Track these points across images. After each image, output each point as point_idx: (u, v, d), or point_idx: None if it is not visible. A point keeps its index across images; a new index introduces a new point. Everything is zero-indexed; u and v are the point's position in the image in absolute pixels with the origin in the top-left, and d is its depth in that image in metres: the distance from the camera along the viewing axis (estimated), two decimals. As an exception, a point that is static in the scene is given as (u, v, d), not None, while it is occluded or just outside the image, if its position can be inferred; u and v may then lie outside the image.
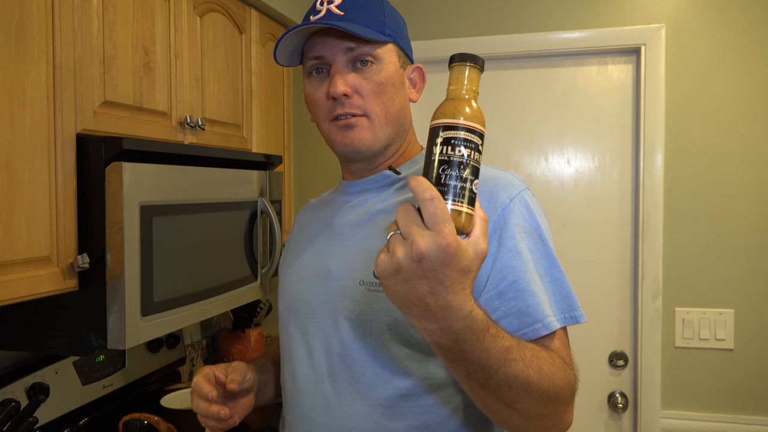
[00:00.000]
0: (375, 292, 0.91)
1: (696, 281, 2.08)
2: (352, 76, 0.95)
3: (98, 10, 1.29)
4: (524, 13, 2.20)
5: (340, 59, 0.95)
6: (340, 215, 1.04)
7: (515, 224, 0.88)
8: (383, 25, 0.97)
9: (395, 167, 1.01)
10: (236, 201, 1.66)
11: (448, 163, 0.67)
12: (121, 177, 1.23)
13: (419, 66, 1.06)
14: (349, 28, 0.91)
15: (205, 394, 1.02)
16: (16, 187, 1.10)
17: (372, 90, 0.95)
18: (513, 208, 0.89)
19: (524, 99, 2.26)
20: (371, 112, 0.96)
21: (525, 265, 0.87)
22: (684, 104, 2.08)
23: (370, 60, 0.95)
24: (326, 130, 1.00)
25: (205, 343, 2.27)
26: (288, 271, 1.10)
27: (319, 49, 0.96)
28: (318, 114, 1.00)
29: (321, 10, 0.96)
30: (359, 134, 0.96)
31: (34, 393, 1.45)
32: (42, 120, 1.15)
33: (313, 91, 0.99)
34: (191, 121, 1.58)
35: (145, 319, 1.31)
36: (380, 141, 0.98)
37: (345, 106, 0.95)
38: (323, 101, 0.97)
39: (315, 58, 0.97)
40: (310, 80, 1.00)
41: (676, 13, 2.07)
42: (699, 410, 2.09)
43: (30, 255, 1.13)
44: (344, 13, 0.94)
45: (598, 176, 2.20)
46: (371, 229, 0.97)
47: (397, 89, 0.98)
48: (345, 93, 0.94)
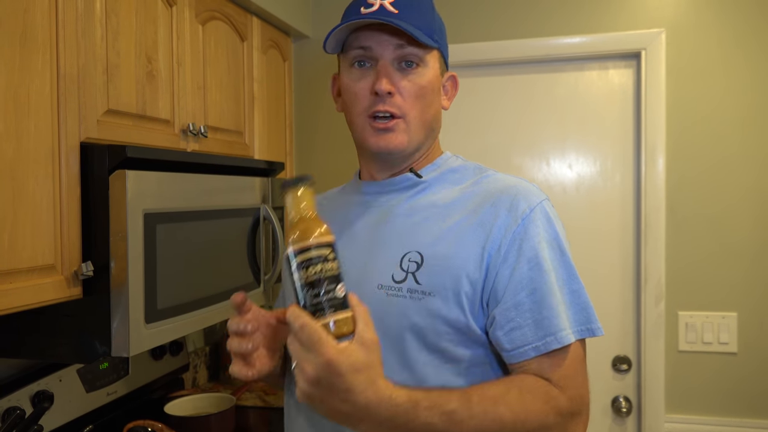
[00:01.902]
0: (394, 297, 0.91)
1: (699, 285, 2.08)
2: (398, 76, 0.95)
3: (101, 19, 1.30)
4: (525, 19, 2.21)
5: (388, 56, 0.95)
6: (356, 216, 1.03)
7: (535, 234, 0.89)
8: (432, 30, 0.96)
9: (417, 169, 1.01)
10: (239, 208, 1.66)
11: (309, 284, 0.73)
12: (124, 185, 1.23)
13: (453, 75, 1.06)
14: (409, 29, 0.91)
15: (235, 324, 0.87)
16: (21, 195, 1.11)
17: (414, 93, 0.95)
18: (533, 218, 0.91)
19: (525, 104, 2.27)
20: (409, 115, 0.96)
21: (543, 276, 0.87)
22: (685, 108, 2.08)
23: (416, 62, 0.95)
24: (360, 126, 0.98)
25: (208, 350, 2.27)
26: None
27: (367, 40, 0.95)
28: (355, 106, 0.98)
29: (373, 4, 0.94)
30: (395, 138, 0.96)
31: (39, 401, 1.45)
32: (46, 128, 1.16)
33: (353, 83, 0.97)
34: (194, 129, 1.59)
35: (148, 326, 1.31)
36: (412, 144, 0.98)
37: (386, 103, 0.94)
38: (364, 95, 0.96)
39: (361, 48, 0.96)
40: (350, 71, 0.98)
41: (676, 17, 2.08)
42: (703, 414, 2.08)
43: (34, 263, 1.14)
44: (398, 10, 0.93)
45: (600, 181, 2.21)
46: (389, 232, 0.97)
47: (434, 95, 0.99)
48: (389, 91, 0.93)
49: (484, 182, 0.98)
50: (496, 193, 0.94)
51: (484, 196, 0.95)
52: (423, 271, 0.90)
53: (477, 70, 2.29)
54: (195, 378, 2.18)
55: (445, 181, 1.01)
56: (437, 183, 1.00)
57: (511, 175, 1.00)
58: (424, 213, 0.96)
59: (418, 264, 0.91)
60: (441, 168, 1.03)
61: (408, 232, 0.95)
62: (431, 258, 0.90)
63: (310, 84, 2.39)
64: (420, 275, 0.90)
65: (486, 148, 2.29)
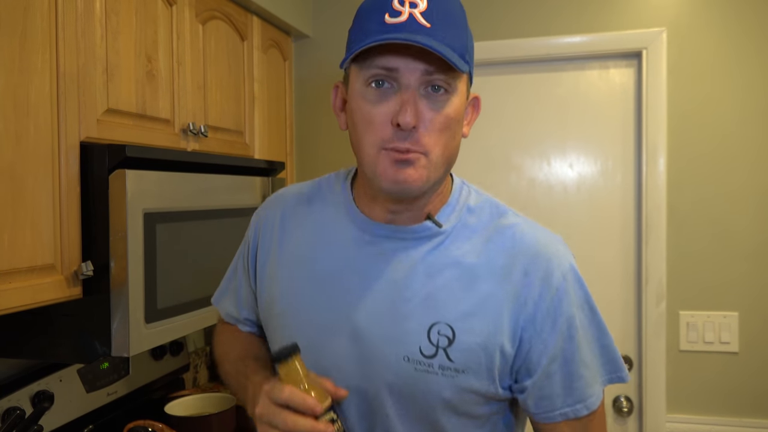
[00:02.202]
0: (424, 373, 0.85)
1: (700, 284, 2.08)
2: (423, 104, 0.81)
3: (101, 19, 1.29)
4: (526, 18, 2.21)
5: (415, 82, 0.80)
6: (363, 259, 0.91)
7: (569, 304, 0.87)
8: (465, 48, 0.83)
9: (433, 212, 0.91)
10: (239, 207, 1.66)
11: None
12: (124, 184, 1.23)
13: (477, 97, 0.93)
14: (447, 54, 0.77)
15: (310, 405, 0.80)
16: (20, 195, 1.11)
17: (439, 125, 0.82)
18: (567, 288, 0.87)
19: (526, 103, 2.26)
20: (432, 151, 0.82)
21: (575, 345, 0.87)
22: (686, 107, 2.08)
23: (445, 88, 0.82)
24: (372, 157, 0.83)
25: (208, 350, 2.27)
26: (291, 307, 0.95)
27: (392, 60, 0.80)
28: (368, 135, 0.83)
29: (401, 12, 0.80)
30: (415, 173, 0.82)
31: (39, 401, 1.45)
32: (46, 128, 1.16)
33: (370, 108, 0.82)
34: (194, 128, 1.59)
35: (149, 326, 1.31)
36: (431, 182, 0.85)
37: (408, 139, 0.81)
38: (381, 123, 0.82)
39: (384, 69, 0.81)
40: (366, 91, 0.83)
41: (677, 16, 2.08)
42: (704, 414, 2.08)
43: (34, 263, 1.14)
44: (431, 25, 0.79)
45: (601, 180, 2.20)
46: (410, 294, 0.87)
47: (459, 125, 0.86)
48: (415, 125, 0.80)
49: (508, 236, 0.89)
50: (527, 258, 0.87)
51: (512, 259, 0.87)
52: (455, 347, 0.85)
53: (477, 70, 2.28)
54: (195, 378, 2.18)
55: (464, 228, 0.91)
56: (457, 233, 0.90)
57: (532, 224, 0.93)
58: (448, 274, 0.87)
59: (449, 339, 0.85)
60: (457, 209, 0.92)
61: (432, 296, 0.87)
62: (463, 333, 0.84)
63: (310, 83, 2.39)
64: (452, 351, 0.85)
65: (487, 148, 2.29)
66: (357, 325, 0.88)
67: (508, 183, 2.28)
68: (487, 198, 0.96)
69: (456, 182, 0.96)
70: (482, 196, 0.96)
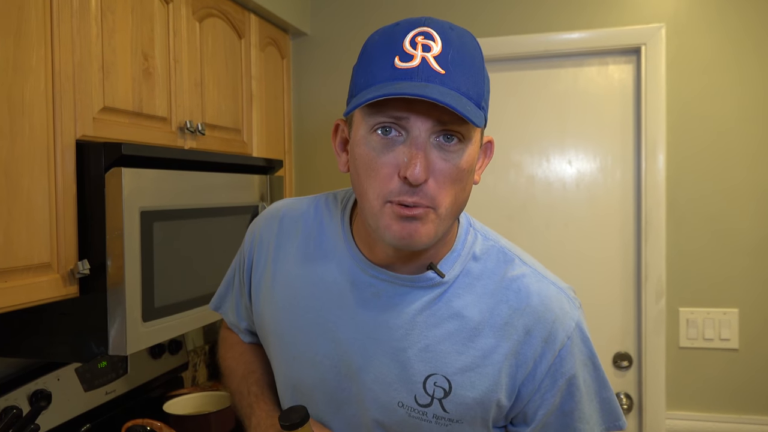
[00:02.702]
0: (418, 420, 0.85)
1: (700, 281, 2.07)
2: (434, 155, 0.75)
3: (97, 17, 1.29)
4: (525, 15, 2.20)
5: (425, 132, 0.74)
6: (360, 300, 0.87)
7: (571, 364, 0.85)
8: (481, 95, 0.77)
9: (436, 261, 0.86)
10: (237, 206, 1.66)
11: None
12: (120, 183, 1.23)
13: (490, 140, 0.88)
14: (463, 111, 0.71)
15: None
16: (16, 193, 1.10)
17: (450, 178, 0.76)
18: (571, 349, 0.85)
19: (525, 100, 2.26)
20: (441, 205, 0.76)
21: (575, 401, 0.86)
22: (685, 103, 2.07)
23: (458, 138, 0.76)
24: (376, 210, 0.77)
25: (207, 349, 2.27)
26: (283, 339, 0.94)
27: (402, 108, 0.73)
28: (373, 186, 0.77)
29: (413, 57, 0.73)
30: (423, 229, 0.76)
31: (36, 400, 1.45)
32: (41, 127, 1.15)
33: (376, 156, 0.76)
34: (191, 126, 1.58)
35: (146, 324, 1.31)
36: (439, 236, 0.79)
37: (416, 194, 0.74)
38: (386, 174, 0.75)
39: (393, 118, 0.74)
40: (370, 137, 0.76)
41: (676, 12, 2.07)
42: (704, 410, 2.08)
43: (30, 262, 1.13)
44: (445, 71, 0.73)
45: (600, 177, 2.20)
46: (408, 343, 0.85)
47: (471, 175, 0.80)
48: (425, 179, 0.74)
49: (512, 290, 0.85)
50: (531, 317, 0.84)
51: (516, 315, 0.84)
52: (451, 400, 0.83)
53: (476, 67, 2.28)
54: (194, 376, 2.18)
55: (467, 276, 0.87)
56: (459, 283, 0.86)
57: (539, 275, 0.88)
58: (448, 326, 0.84)
59: (445, 391, 0.83)
60: (462, 256, 0.87)
61: (431, 348, 0.84)
62: (461, 387, 0.83)
63: (308, 81, 2.39)
64: (447, 403, 0.83)
65: (485, 145, 2.28)
66: (352, 366, 0.87)
67: (507, 180, 2.27)
68: (495, 243, 0.90)
69: (462, 226, 0.90)
70: (489, 241, 0.90)
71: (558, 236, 2.21)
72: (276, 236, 0.97)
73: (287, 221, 0.97)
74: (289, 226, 0.97)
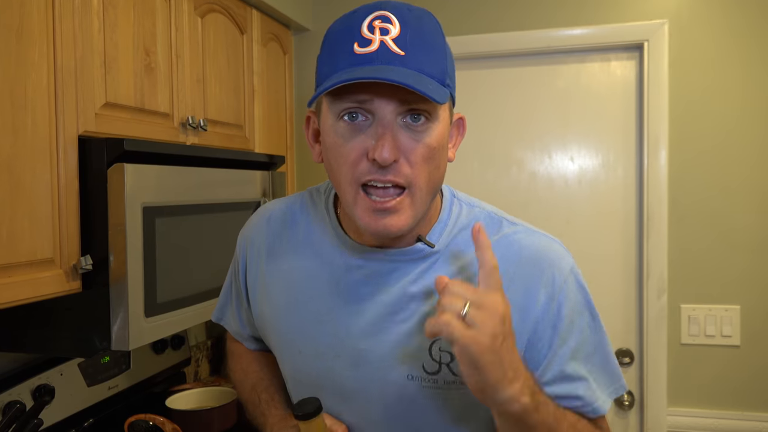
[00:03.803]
0: (430, 389, 0.84)
1: (702, 277, 2.07)
2: (403, 136, 0.75)
3: (99, 12, 1.29)
4: (527, 11, 2.19)
5: (391, 114, 0.75)
6: (357, 285, 0.88)
7: (569, 309, 0.85)
8: (445, 72, 0.77)
9: (424, 235, 0.86)
10: (239, 201, 1.66)
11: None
12: (123, 178, 1.23)
13: (461, 117, 0.88)
14: (424, 90, 0.71)
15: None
16: (19, 189, 1.11)
17: (422, 156, 0.76)
18: (568, 292, 0.86)
19: (527, 96, 2.25)
20: (415, 183, 0.77)
21: (576, 351, 0.86)
22: (687, 100, 2.07)
23: (425, 117, 0.76)
24: (350, 197, 0.78)
25: (210, 344, 2.27)
26: (287, 338, 0.94)
27: (364, 91, 0.74)
28: (343, 172, 0.78)
29: (371, 41, 0.74)
30: (398, 221, 0.77)
31: (40, 395, 1.45)
32: (44, 122, 1.15)
33: (343, 142, 0.77)
34: (193, 122, 1.58)
35: (149, 320, 1.31)
36: (417, 218, 0.80)
37: (388, 173, 0.75)
38: (355, 158, 0.76)
39: (357, 102, 0.75)
40: (339, 125, 0.77)
41: (679, 8, 2.06)
42: (705, 407, 2.08)
43: (33, 257, 1.14)
44: (405, 52, 0.73)
45: (602, 173, 2.19)
46: (408, 317, 0.85)
47: (444, 151, 0.81)
48: (395, 159, 0.74)
49: (505, 246, 0.86)
50: (528, 266, 0.85)
51: (512, 268, 0.84)
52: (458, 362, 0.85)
53: (478, 63, 2.28)
54: (197, 372, 2.19)
55: (458, 245, 0.87)
56: (450, 251, 0.87)
57: (528, 230, 0.89)
58: None
59: (451, 355, 0.83)
60: (450, 227, 0.88)
61: (431, 314, 0.81)
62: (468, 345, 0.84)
63: (310, 77, 2.37)
64: (455, 366, 0.83)
65: (487, 142, 2.28)
66: (356, 349, 0.87)
67: (509, 176, 2.27)
68: (480, 210, 0.92)
69: (446, 197, 0.91)
70: (474, 209, 0.92)
71: (560, 233, 2.19)
72: (266, 236, 0.98)
73: (275, 220, 0.99)
74: (277, 224, 0.98)
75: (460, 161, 2.24)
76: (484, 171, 2.28)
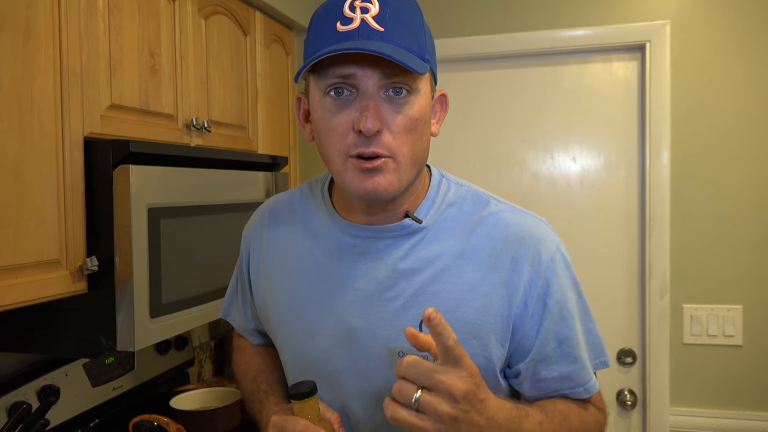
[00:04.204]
0: None
1: (704, 277, 2.07)
2: (386, 108, 0.80)
3: (104, 14, 1.29)
4: (530, 12, 2.20)
5: (374, 87, 0.79)
6: (349, 264, 0.91)
7: (557, 286, 0.88)
8: (424, 48, 0.81)
9: (412, 209, 0.90)
10: (243, 202, 1.66)
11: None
12: (128, 180, 1.23)
13: (443, 93, 0.92)
14: (402, 58, 0.75)
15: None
16: (25, 191, 1.11)
17: (404, 127, 0.81)
18: (555, 269, 0.88)
19: (530, 97, 2.26)
20: (399, 153, 0.81)
21: (567, 330, 0.88)
22: (689, 100, 2.07)
23: (407, 90, 0.81)
24: (339, 166, 0.83)
25: (213, 345, 2.28)
26: (286, 320, 0.97)
27: (347, 66, 0.79)
28: (332, 144, 0.83)
29: (353, 19, 0.79)
30: (384, 180, 0.81)
31: (45, 395, 1.46)
32: (50, 124, 1.16)
33: (330, 117, 0.81)
34: (197, 123, 1.59)
35: (153, 320, 1.31)
36: (403, 184, 0.84)
37: (372, 144, 0.79)
38: (343, 131, 0.81)
39: (341, 77, 0.79)
40: (324, 100, 0.82)
41: (681, 9, 2.07)
42: (708, 407, 2.08)
43: (39, 258, 1.14)
44: (384, 28, 0.78)
45: (604, 173, 2.20)
46: (398, 292, 0.88)
47: (426, 124, 0.85)
48: (378, 130, 0.79)
49: (491, 224, 0.89)
50: (514, 244, 0.87)
51: (499, 246, 0.87)
52: None
53: (481, 64, 2.28)
54: (200, 372, 2.19)
55: (445, 221, 0.90)
56: (438, 227, 0.90)
57: (515, 209, 0.92)
58: (433, 267, 0.88)
59: None
60: (437, 204, 0.92)
61: (421, 292, 0.87)
62: (455, 323, 0.83)
63: (313, 78, 2.39)
64: None
65: (490, 142, 2.28)
66: (349, 327, 0.89)
67: (512, 177, 2.28)
68: (468, 189, 0.95)
69: (434, 176, 0.95)
70: (462, 187, 0.95)
71: (562, 233, 2.19)
72: (267, 227, 1.03)
73: (276, 211, 1.04)
74: (278, 215, 1.03)
75: (463, 162, 2.25)
76: (487, 172, 2.29)
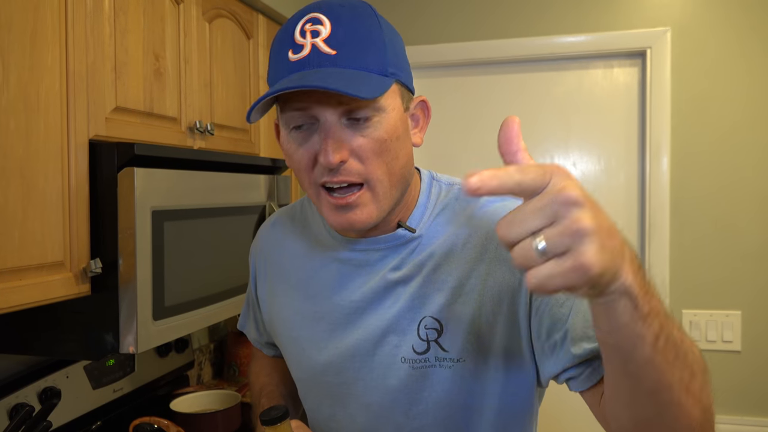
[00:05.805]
0: (422, 368, 0.85)
1: (703, 283, 2.08)
2: (349, 135, 0.76)
3: (110, 17, 1.30)
4: (532, 19, 2.21)
5: (332, 116, 0.75)
6: (347, 278, 0.90)
7: None
8: (385, 63, 0.76)
9: (405, 219, 0.88)
10: (245, 205, 1.67)
11: None
12: (133, 182, 1.24)
13: (423, 99, 0.87)
14: (353, 91, 0.69)
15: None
16: (31, 193, 1.11)
17: (372, 151, 0.76)
18: None
19: (530, 102, 2.27)
20: (373, 177, 0.77)
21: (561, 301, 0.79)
22: (690, 106, 2.08)
23: (369, 115, 0.76)
24: (315, 197, 0.81)
25: (212, 347, 2.28)
26: (291, 336, 0.97)
27: (303, 101, 0.75)
28: (302, 177, 0.80)
29: (303, 46, 0.74)
30: (362, 214, 0.78)
31: (46, 397, 1.46)
32: (55, 126, 1.16)
33: (295, 149, 0.79)
34: (200, 126, 1.59)
35: (156, 323, 1.32)
36: (385, 210, 0.80)
37: (340, 173, 0.76)
38: (307, 163, 0.78)
39: (299, 110, 0.76)
40: (291, 134, 0.79)
41: (682, 16, 2.08)
42: (707, 412, 2.09)
43: (44, 260, 1.14)
44: (336, 51, 0.73)
45: (604, 179, 2.21)
46: (393, 301, 0.86)
47: (401, 140, 0.79)
48: (341, 161, 0.75)
49: (479, 216, 0.86)
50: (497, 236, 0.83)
51: (487, 234, 0.83)
52: (445, 337, 0.83)
53: (482, 69, 2.29)
54: (200, 375, 2.19)
55: (439, 225, 0.88)
56: (432, 232, 0.87)
57: (506, 199, 0.85)
58: (426, 270, 0.85)
59: (437, 331, 0.83)
60: (429, 210, 0.89)
61: (416, 296, 0.85)
62: (450, 322, 0.82)
63: (314, 82, 2.39)
64: (444, 341, 0.83)
65: (490, 147, 2.29)
66: (351, 339, 0.89)
67: (512, 182, 2.28)
68: (460, 186, 0.90)
69: (424, 181, 0.91)
70: (454, 186, 0.91)
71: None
72: (271, 243, 1.03)
73: (279, 225, 1.03)
74: (279, 231, 1.02)
75: (463, 168, 2.26)
76: (487, 176, 2.29)
